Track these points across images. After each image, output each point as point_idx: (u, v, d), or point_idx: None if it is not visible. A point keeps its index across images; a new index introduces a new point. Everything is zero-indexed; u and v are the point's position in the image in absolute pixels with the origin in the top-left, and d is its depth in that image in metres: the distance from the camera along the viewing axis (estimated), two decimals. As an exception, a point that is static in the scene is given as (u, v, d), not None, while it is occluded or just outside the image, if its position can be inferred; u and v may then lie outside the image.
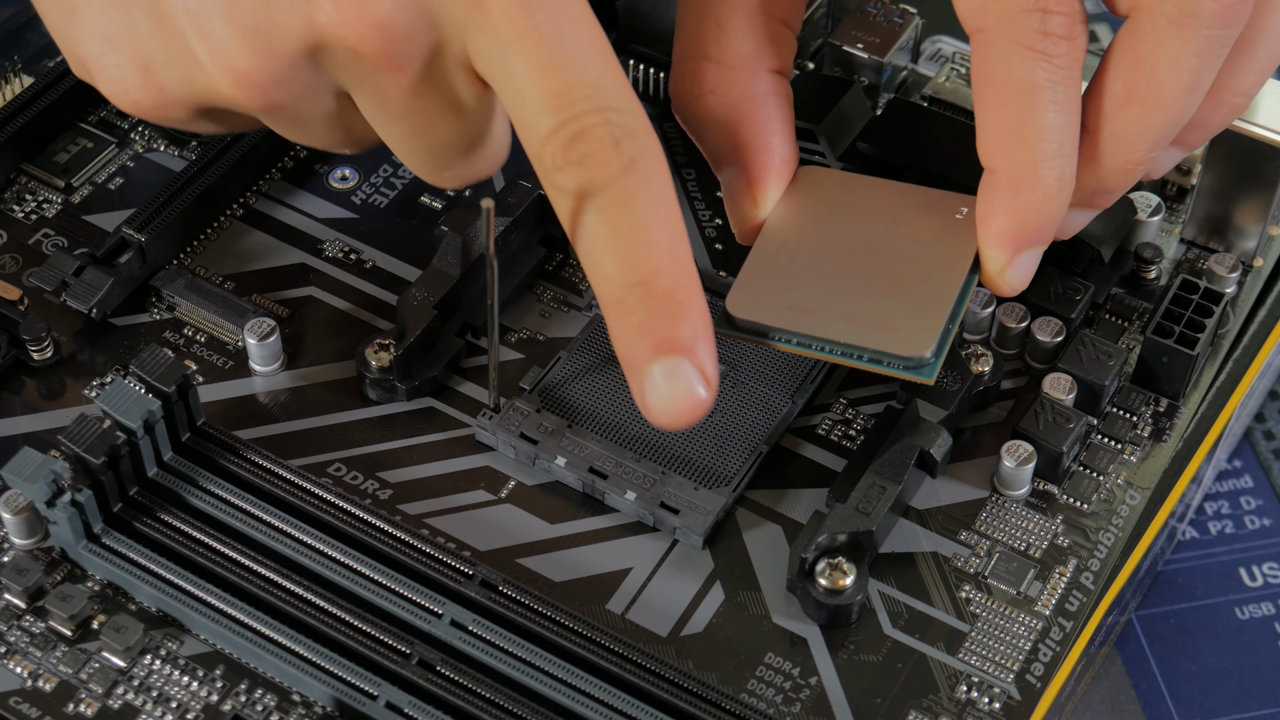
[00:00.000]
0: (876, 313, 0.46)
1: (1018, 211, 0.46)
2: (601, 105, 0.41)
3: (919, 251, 0.47)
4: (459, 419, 0.50)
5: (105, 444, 0.45)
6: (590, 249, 0.42)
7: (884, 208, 0.49)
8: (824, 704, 0.45)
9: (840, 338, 0.46)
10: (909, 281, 0.47)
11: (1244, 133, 0.52)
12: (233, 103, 0.43)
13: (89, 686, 0.45)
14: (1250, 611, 0.53)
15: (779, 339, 0.47)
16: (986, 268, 0.47)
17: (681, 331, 0.42)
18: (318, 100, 0.43)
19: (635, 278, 0.42)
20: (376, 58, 0.41)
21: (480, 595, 0.45)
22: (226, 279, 0.53)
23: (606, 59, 0.42)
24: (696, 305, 0.43)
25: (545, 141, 0.41)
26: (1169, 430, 0.51)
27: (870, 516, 0.47)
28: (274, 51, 0.42)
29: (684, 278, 0.42)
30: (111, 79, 0.44)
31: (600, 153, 0.41)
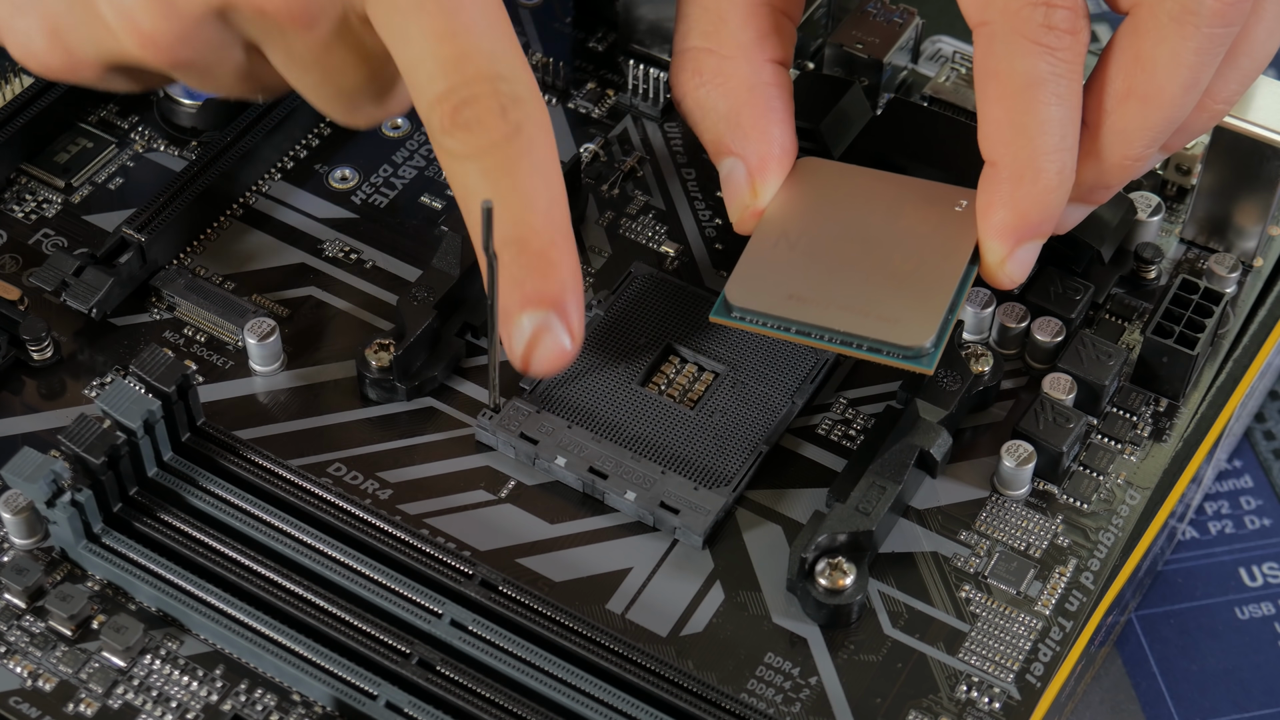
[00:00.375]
0: (876, 303, 0.47)
1: (1018, 204, 0.46)
2: (491, 74, 0.43)
3: (919, 243, 0.48)
4: (459, 419, 0.50)
5: (105, 444, 0.45)
6: (473, 208, 0.44)
7: (883, 199, 0.49)
8: (824, 704, 0.45)
9: (840, 326, 0.46)
10: (909, 272, 0.47)
11: (1244, 133, 0.52)
12: (140, 62, 0.44)
13: (89, 686, 0.45)
14: (1250, 611, 0.53)
15: (777, 327, 0.47)
16: (986, 260, 0.47)
17: (550, 287, 0.44)
18: (226, 55, 0.44)
19: (511, 235, 0.44)
20: (283, 17, 0.43)
21: (480, 595, 0.45)
22: (226, 279, 0.53)
23: (501, 28, 0.43)
24: (567, 263, 0.45)
25: (435, 105, 0.43)
26: (1169, 430, 0.51)
27: (870, 516, 0.47)
28: (179, 12, 0.43)
29: (557, 237, 0.44)
30: (19, 42, 0.45)
31: (486, 118, 0.43)
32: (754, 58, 0.48)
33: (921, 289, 0.47)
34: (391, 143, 0.57)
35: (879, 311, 0.46)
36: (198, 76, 0.45)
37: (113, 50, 0.44)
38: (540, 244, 0.44)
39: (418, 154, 0.57)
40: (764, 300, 0.47)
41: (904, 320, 0.46)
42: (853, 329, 0.46)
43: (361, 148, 0.57)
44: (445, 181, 0.56)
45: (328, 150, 0.57)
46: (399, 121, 0.57)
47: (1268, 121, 0.52)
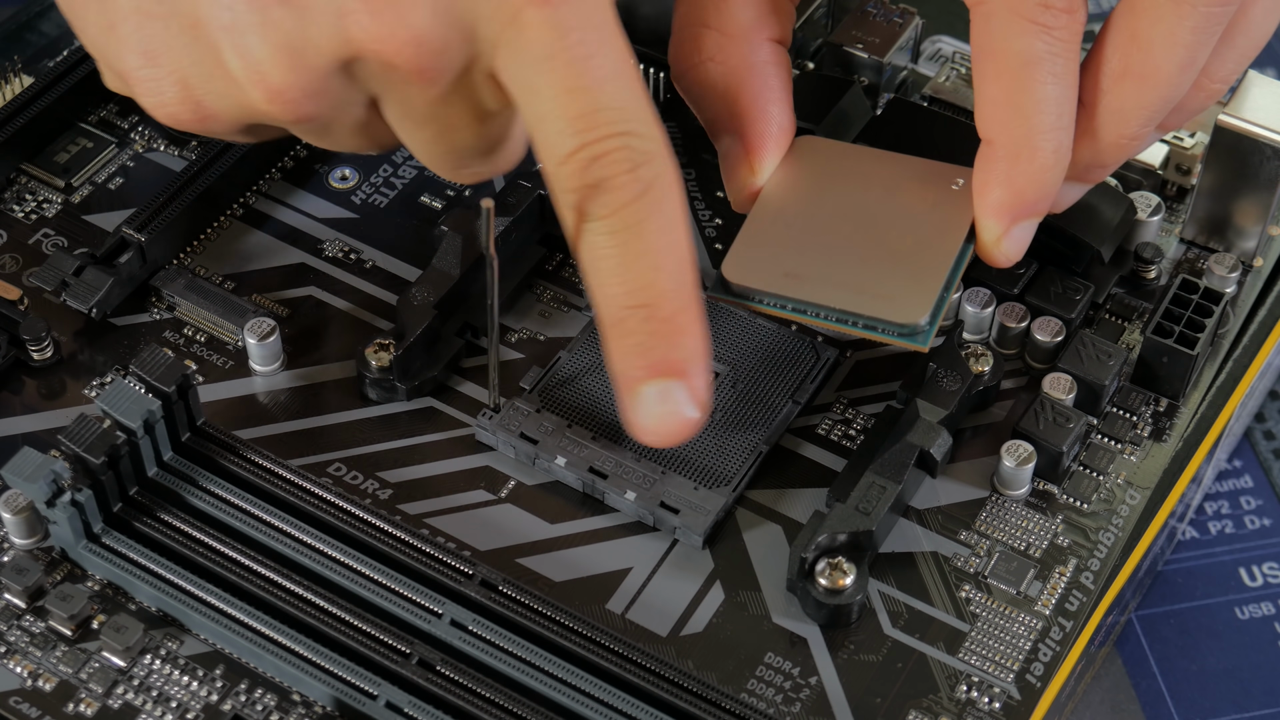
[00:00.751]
0: (872, 280, 0.47)
1: (1015, 182, 0.46)
2: (623, 130, 0.41)
3: (915, 221, 0.48)
4: (459, 419, 0.50)
5: (105, 444, 0.45)
6: (598, 269, 0.43)
7: (880, 177, 0.49)
8: (824, 704, 0.45)
9: (835, 304, 0.46)
10: (904, 250, 0.47)
11: (1244, 132, 0.52)
12: (267, 117, 0.43)
13: (89, 686, 0.45)
14: (1250, 611, 0.53)
15: (774, 304, 0.47)
16: (982, 238, 0.47)
17: (678, 355, 0.43)
18: (348, 111, 0.44)
19: (639, 300, 0.43)
20: (409, 70, 0.41)
21: (480, 595, 0.45)
22: (226, 279, 0.53)
23: (632, 83, 0.42)
24: (695, 329, 0.43)
25: (564, 162, 0.42)
26: (1169, 430, 0.51)
27: (870, 516, 0.47)
28: (309, 66, 0.42)
29: (686, 303, 0.43)
30: (150, 92, 0.44)
31: (617, 177, 0.41)
32: (753, 37, 0.48)
33: (917, 267, 0.47)
34: (391, 143, 0.57)
35: (875, 289, 0.46)
36: (318, 132, 0.44)
37: (241, 105, 0.43)
38: (669, 309, 0.43)
39: (418, 154, 0.57)
40: (760, 278, 0.47)
41: (899, 298, 0.46)
42: (848, 306, 0.46)
43: (361, 148, 0.57)
44: (445, 181, 0.56)
45: (328, 150, 0.57)
46: (399, 121, 0.57)
47: (1268, 121, 0.52)
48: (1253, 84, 0.52)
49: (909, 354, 0.52)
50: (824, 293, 0.47)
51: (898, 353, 0.52)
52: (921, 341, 0.46)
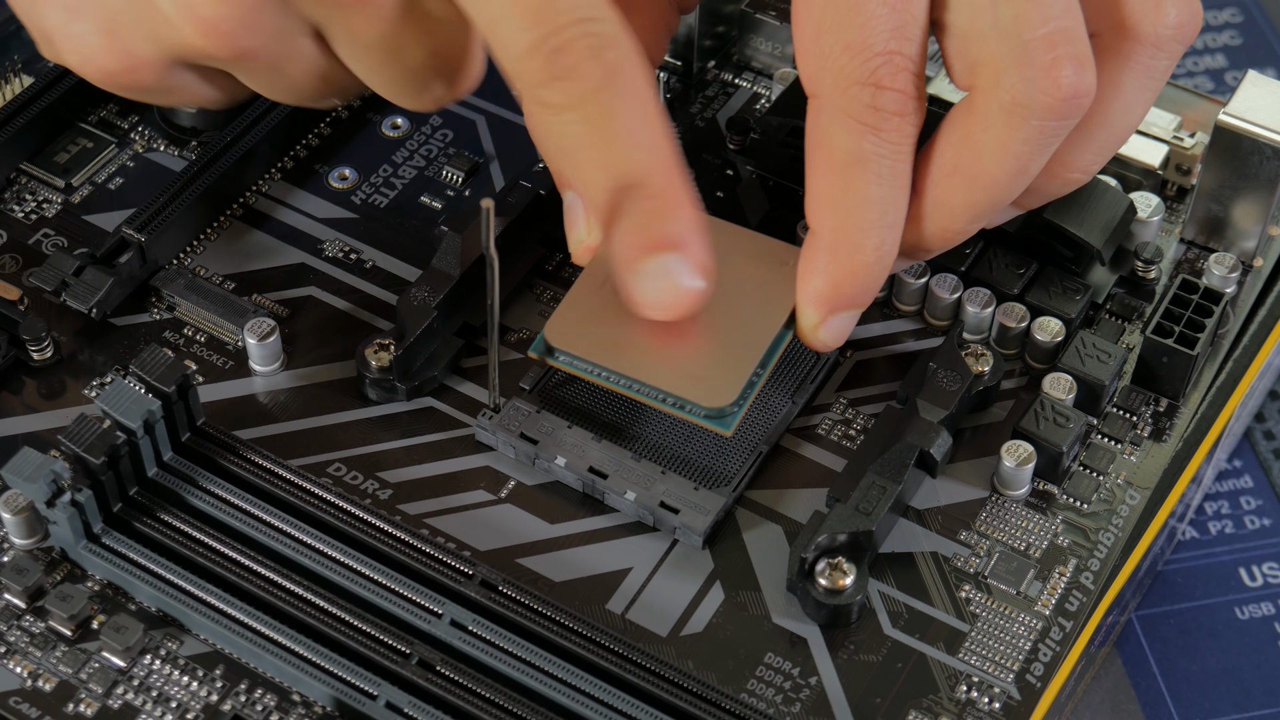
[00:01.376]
0: (685, 358, 0.47)
1: (833, 275, 0.46)
2: (581, 17, 0.41)
3: (740, 299, 0.48)
4: (459, 419, 0.50)
5: (105, 444, 0.45)
6: (578, 160, 0.43)
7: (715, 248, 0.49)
8: (824, 704, 0.45)
9: (647, 379, 0.46)
10: (724, 328, 0.47)
11: (1244, 133, 0.52)
12: (203, 54, 0.43)
13: (89, 686, 0.45)
14: (1250, 611, 0.53)
15: (589, 372, 0.47)
16: (800, 323, 0.47)
17: (674, 227, 0.43)
18: (290, 43, 0.43)
19: (626, 181, 0.43)
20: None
21: (480, 595, 0.45)
22: (226, 279, 0.53)
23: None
24: (687, 200, 0.43)
25: (525, 59, 0.41)
26: (1169, 430, 0.51)
27: (870, 516, 0.47)
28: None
29: (673, 176, 0.43)
30: (77, 48, 0.44)
31: (582, 64, 0.41)
32: None
33: (732, 347, 0.47)
34: (391, 143, 0.57)
35: (686, 368, 0.47)
36: (265, 72, 0.44)
37: (173, 44, 0.43)
38: (658, 185, 0.43)
39: (418, 154, 0.57)
40: (580, 344, 0.47)
41: (709, 380, 0.46)
42: (659, 384, 0.46)
43: (361, 148, 0.57)
44: (445, 181, 0.56)
45: (328, 150, 0.57)
46: (399, 121, 0.57)
47: (1268, 121, 0.52)
48: (1253, 84, 0.52)
49: (909, 354, 0.52)
50: (638, 367, 0.47)
51: (898, 353, 0.52)
52: (726, 426, 0.46)
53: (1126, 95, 0.46)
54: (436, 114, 0.58)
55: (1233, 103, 0.52)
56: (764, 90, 0.59)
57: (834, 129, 0.45)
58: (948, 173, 0.46)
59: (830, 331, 0.47)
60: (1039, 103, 0.44)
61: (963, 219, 0.46)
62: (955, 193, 0.46)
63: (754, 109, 0.58)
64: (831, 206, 0.45)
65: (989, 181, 0.45)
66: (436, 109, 0.47)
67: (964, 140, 0.45)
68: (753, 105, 0.58)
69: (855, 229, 0.45)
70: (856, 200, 0.45)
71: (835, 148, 0.45)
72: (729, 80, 0.59)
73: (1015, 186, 0.46)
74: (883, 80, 0.44)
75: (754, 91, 0.59)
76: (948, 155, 0.46)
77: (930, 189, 0.46)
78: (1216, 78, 0.68)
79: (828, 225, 0.46)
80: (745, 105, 0.58)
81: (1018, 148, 0.45)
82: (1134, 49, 0.46)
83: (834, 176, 0.45)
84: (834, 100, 0.44)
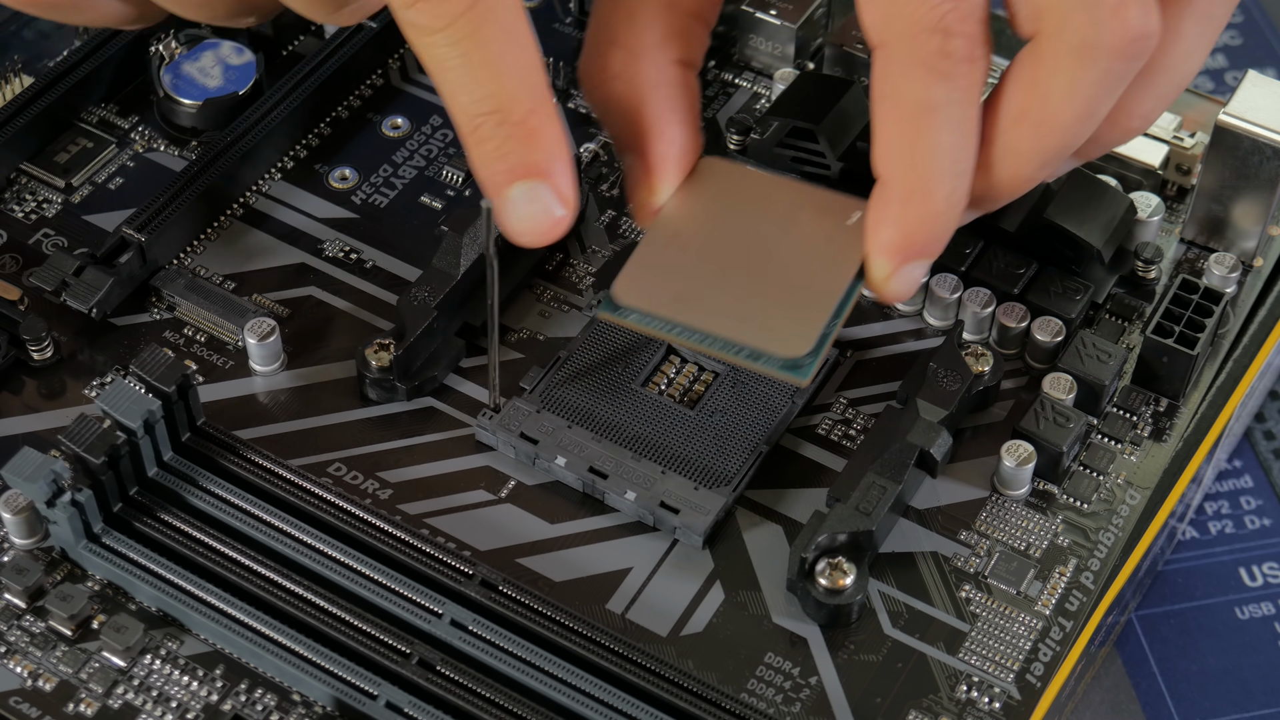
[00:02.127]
0: (759, 310, 0.46)
1: (906, 225, 0.46)
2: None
3: (808, 252, 0.47)
4: (459, 419, 0.50)
5: (105, 444, 0.45)
6: (444, 80, 0.43)
7: (779, 205, 0.49)
8: (824, 704, 0.45)
9: (721, 332, 0.46)
10: (795, 281, 0.47)
11: (1244, 132, 0.52)
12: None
13: (89, 686, 0.45)
14: (1250, 611, 0.53)
15: (660, 327, 0.47)
16: (871, 275, 0.47)
17: (536, 156, 0.44)
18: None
19: (489, 107, 0.43)
20: None
21: (480, 595, 0.45)
22: (226, 279, 0.53)
23: None
24: (550, 130, 0.44)
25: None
26: (1169, 430, 0.51)
27: (870, 516, 0.47)
28: None
29: (537, 104, 0.44)
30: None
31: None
32: (659, 57, 0.48)
33: (805, 299, 0.47)
34: (391, 143, 0.57)
35: (761, 319, 0.46)
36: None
37: None
38: (520, 112, 0.43)
39: (418, 154, 0.57)
40: (650, 300, 0.47)
41: (783, 330, 0.46)
42: (733, 335, 0.46)
43: (361, 148, 0.57)
44: (445, 181, 0.56)
45: (328, 150, 0.57)
46: (399, 121, 0.57)
47: (1268, 121, 0.52)
48: (1253, 84, 0.52)
49: (909, 354, 0.52)
50: (710, 320, 0.46)
51: (898, 353, 0.52)
52: (803, 375, 0.46)
53: (1187, 41, 0.46)
54: (436, 114, 0.58)
55: (1233, 103, 0.52)
56: (764, 90, 0.59)
57: (903, 77, 0.44)
58: (1015, 119, 0.45)
59: (901, 282, 0.47)
60: (1107, 44, 0.44)
61: (1031, 164, 0.46)
62: (1024, 138, 0.46)
63: (754, 109, 0.58)
64: (902, 156, 0.45)
65: (1058, 125, 0.45)
66: (356, 21, 0.47)
67: (1031, 85, 0.45)
68: (753, 105, 0.58)
69: (927, 177, 0.45)
70: (928, 148, 0.45)
71: (904, 96, 0.44)
72: (729, 80, 0.59)
73: (1083, 131, 0.46)
74: (951, 26, 0.43)
75: (754, 91, 0.59)
76: (1015, 101, 0.45)
77: (999, 136, 0.46)
78: (1216, 78, 0.68)
79: (899, 175, 0.45)
80: (745, 105, 0.58)
81: (1086, 90, 0.45)
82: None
83: (903, 125, 0.45)
84: (902, 48, 0.44)
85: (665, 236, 0.48)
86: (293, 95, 0.56)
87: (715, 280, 0.47)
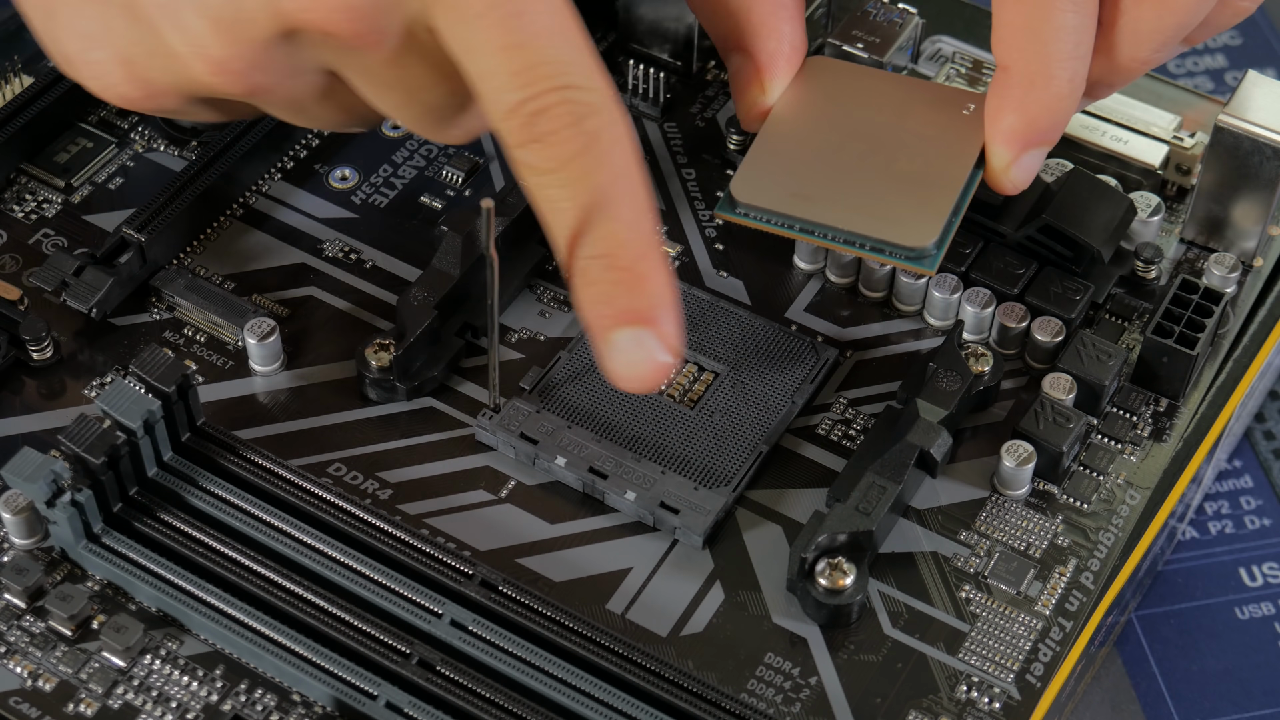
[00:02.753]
0: (880, 203, 0.47)
1: (1029, 110, 0.46)
2: (563, 84, 0.41)
3: (924, 145, 0.48)
4: (459, 419, 0.50)
5: (105, 444, 0.45)
6: (554, 222, 0.43)
7: (891, 100, 0.49)
8: (824, 704, 0.45)
9: (844, 225, 0.46)
10: (914, 174, 0.47)
11: (1244, 132, 0.52)
12: (217, 90, 0.43)
13: (89, 686, 0.45)
14: (1250, 611, 0.53)
15: (781, 224, 0.47)
16: (992, 163, 0.47)
17: (643, 303, 0.43)
18: (304, 80, 0.43)
19: (598, 251, 0.43)
20: (349, 37, 0.41)
21: (480, 595, 0.45)
22: (226, 279, 0.53)
23: (571, 35, 0.42)
24: (658, 276, 0.43)
25: (507, 118, 0.42)
26: (1169, 430, 0.51)
27: (870, 516, 0.47)
28: (247, 38, 0.42)
29: (646, 250, 0.43)
30: (96, 75, 0.44)
31: (560, 131, 0.41)
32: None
33: (926, 191, 0.47)
34: (391, 143, 0.57)
35: (883, 211, 0.46)
36: (282, 105, 0.44)
37: (188, 79, 0.43)
38: (629, 257, 0.43)
39: (418, 154, 0.57)
40: (769, 197, 0.47)
41: (908, 221, 0.46)
42: (856, 228, 0.46)
43: (361, 148, 0.57)
44: (445, 181, 0.56)
45: (328, 150, 0.57)
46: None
47: (1268, 121, 0.52)
48: (1253, 84, 0.52)
49: (909, 354, 0.52)
50: (832, 214, 0.46)
51: (898, 353, 0.52)
52: (929, 265, 0.46)
53: None
54: (436, 114, 0.58)
55: (1233, 103, 0.52)
56: (764, 90, 0.59)
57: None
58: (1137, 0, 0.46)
59: (1021, 170, 0.47)
60: None
61: (1150, 45, 0.46)
62: (1145, 18, 0.46)
63: (754, 109, 0.58)
64: (1026, 38, 0.45)
65: (1181, 3, 0.45)
66: (467, 140, 0.46)
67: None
68: (753, 105, 0.58)
69: (1052, 60, 0.45)
70: (1053, 29, 0.45)
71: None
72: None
73: (1204, 6, 0.46)
74: None
75: (754, 91, 0.59)
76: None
77: (1121, 18, 0.46)
78: (1216, 78, 0.68)
79: (1022, 58, 0.45)
80: (745, 105, 0.58)
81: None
82: None
83: (1028, 6, 0.45)
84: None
85: (780, 134, 0.48)
86: (292, 95, 0.56)
87: (833, 175, 0.47)
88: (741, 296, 0.53)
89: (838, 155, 0.48)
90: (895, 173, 0.47)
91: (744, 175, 0.48)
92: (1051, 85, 0.45)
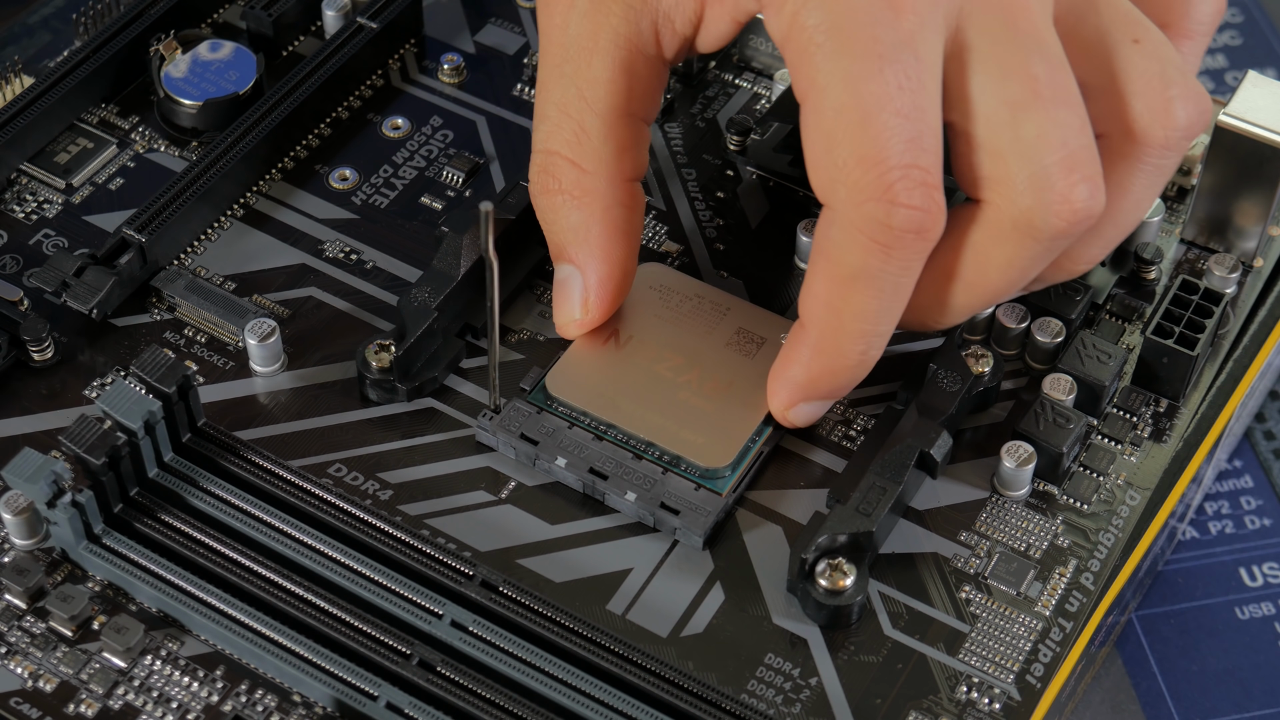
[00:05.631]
0: (683, 419, 0.49)
1: (813, 371, 0.47)
2: None
3: (736, 367, 0.50)
4: (459, 419, 0.50)
5: (106, 444, 0.45)
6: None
7: (713, 317, 0.51)
8: (824, 704, 0.45)
9: (645, 435, 0.48)
10: (721, 395, 0.49)
11: (1244, 133, 0.52)
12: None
13: (89, 687, 0.45)
14: (1250, 611, 0.53)
15: (586, 422, 0.49)
16: (770, 403, 0.48)
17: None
18: None
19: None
20: None
21: (480, 596, 0.45)
22: (227, 279, 0.53)
23: None
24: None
25: None
26: (1169, 430, 0.51)
27: (870, 517, 0.47)
28: None
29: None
30: None
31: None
32: (614, 177, 0.48)
33: (730, 413, 0.49)
34: (391, 143, 0.57)
35: (684, 429, 0.48)
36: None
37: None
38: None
39: (418, 154, 0.57)
40: (579, 396, 0.49)
41: (705, 442, 0.48)
42: (657, 439, 0.48)
43: (362, 148, 0.57)
44: (445, 181, 0.56)
45: (328, 150, 0.57)
46: (399, 122, 0.57)
47: (1268, 121, 0.52)
48: (1253, 84, 0.52)
49: (909, 354, 0.52)
50: (635, 422, 0.49)
51: (898, 353, 0.52)
52: (720, 487, 0.48)
53: (1135, 194, 0.47)
54: (436, 115, 0.58)
55: (1233, 103, 0.52)
56: (764, 90, 0.59)
57: (843, 242, 0.44)
58: (948, 276, 0.46)
59: (799, 415, 0.49)
60: (1052, 226, 0.44)
61: (959, 316, 0.47)
62: (957, 296, 0.46)
63: (754, 109, 0.58)
64: (825, 311, 0.45)
65: (992, 290, 0.46)
66: None
67: (969, 248, 0.45)
68: (753, 105, 0.58)
69: (845, 336, 0.46)
70: (852, 312, 0.45)
71: (842, 261, 0.44)
72: (729, 80, 0.59)
73: (1016, 291, 0.47)
74: (899, 197, 0.42)
75: (754, 91, 0.59)
76: (949, 259, 0.46)
77: (930, 287, 0.46)
78: (1216, 78, 0.68)
79: (817, 326, 0.46)
80: (745, 105, 0.58)
81: (1024, 262, 0.45)
82: (1143, 152, 0.46)
83: (834, 285, 0.45)
84: (847, 215, 0.43)
85: (602, 334, 0.50)
86: (293, 95, 0.56)
87: (644, 385, 0.49)
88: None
89: (652, 366, 0.50)
90: (703, 392, 0.49)
91: (561, 370, 0.50)
92: (839, 358, 0.46)
